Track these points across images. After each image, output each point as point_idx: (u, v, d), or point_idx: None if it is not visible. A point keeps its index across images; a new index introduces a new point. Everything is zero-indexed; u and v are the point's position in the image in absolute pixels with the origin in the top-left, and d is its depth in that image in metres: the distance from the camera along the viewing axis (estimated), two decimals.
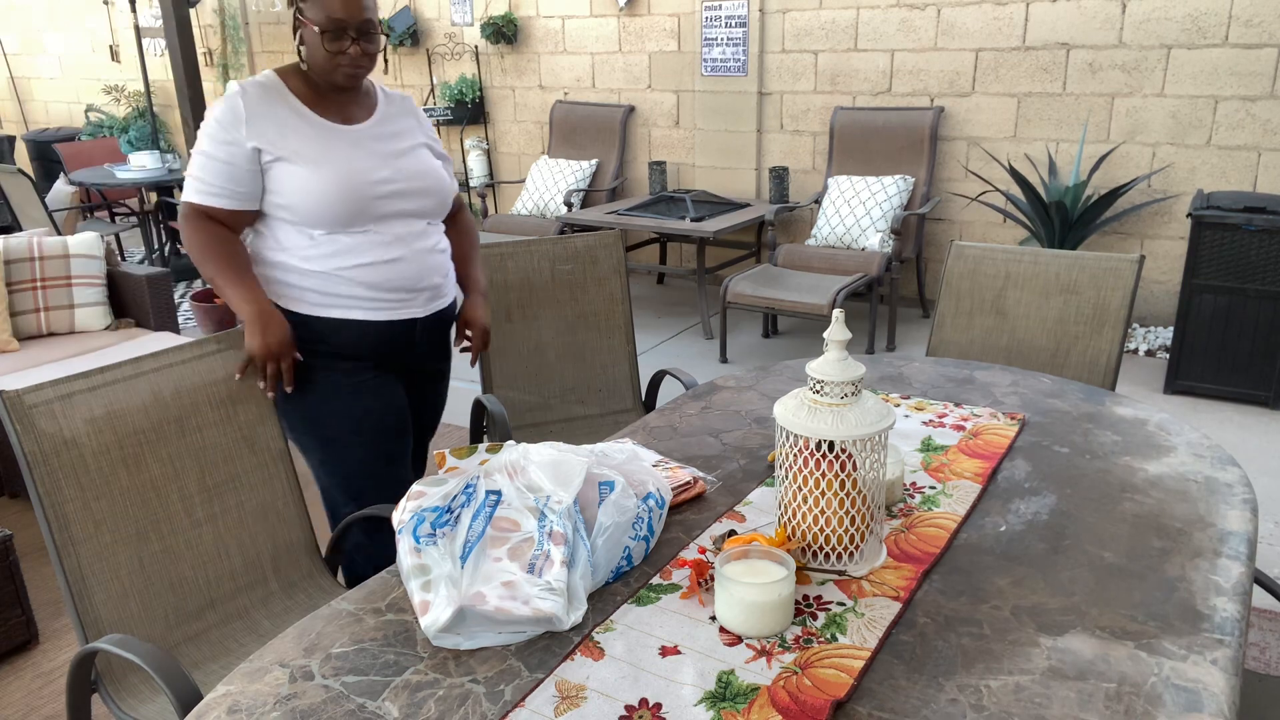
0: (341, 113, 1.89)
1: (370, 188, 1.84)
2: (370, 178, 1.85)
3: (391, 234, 1.88)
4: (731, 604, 1.18)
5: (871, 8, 4.95)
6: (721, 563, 1.22)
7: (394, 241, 1.88)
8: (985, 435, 1.74)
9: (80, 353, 3.38)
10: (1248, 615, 1.21)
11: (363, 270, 1.86)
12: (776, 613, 1.17)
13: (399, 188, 1.88)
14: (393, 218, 1.88)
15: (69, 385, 1.62)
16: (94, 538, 1.61)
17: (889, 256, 4.53)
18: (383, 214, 1.87)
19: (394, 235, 1.89)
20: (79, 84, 8.60)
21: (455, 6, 6.31)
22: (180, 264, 6.25)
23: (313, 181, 1.80)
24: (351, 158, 1.85)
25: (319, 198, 1.80)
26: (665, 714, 1.04)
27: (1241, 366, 3.79)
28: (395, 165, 1.89)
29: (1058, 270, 2.38)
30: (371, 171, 1.85)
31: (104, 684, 1.59)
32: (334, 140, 1.85)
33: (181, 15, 4.33)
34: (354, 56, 1.80)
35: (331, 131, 1.86)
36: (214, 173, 1.80)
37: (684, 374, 2.40)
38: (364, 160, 1.86)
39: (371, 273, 1.87)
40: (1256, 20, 4.13)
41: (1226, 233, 3.70)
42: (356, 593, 1.30)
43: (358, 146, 1.87)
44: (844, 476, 1.28)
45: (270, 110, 1.82)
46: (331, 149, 1.84)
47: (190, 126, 4.48)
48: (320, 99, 1.88)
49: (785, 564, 1.21)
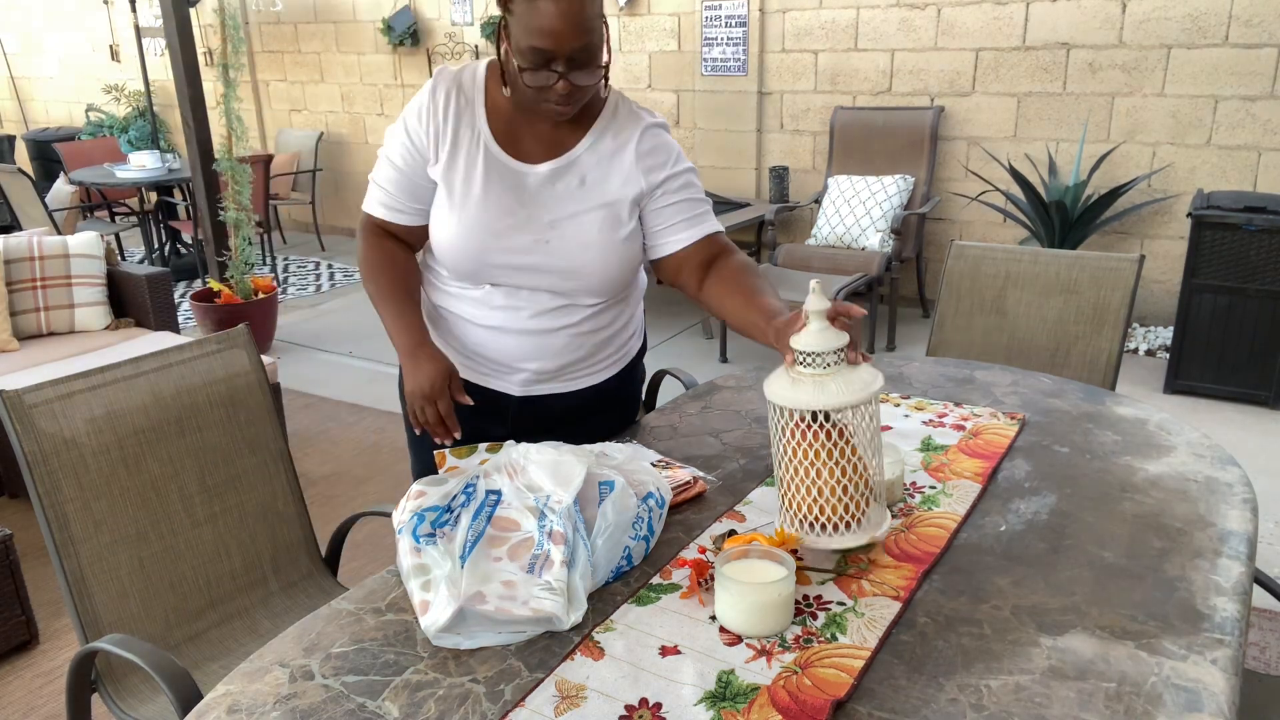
0: (530, 140, 1.57)
1: (493, 254, 1.56)
2: (498, 241, 1.55)
3: (504, 299, 1.61)
4: (731, 604, 1.18)
5: (871, 7, 4.94)
6: (721, 562, 1.22)
7: (503, 308, 1.61)
8: (985, 435, 1.74)
9: (80, 352, 3.38)
10: (1248, 615, 1.21)
11: (459, 322, 1.66)
12: (776, 612, 1.17)
13: (531, 261, 1.57)
14: (514, 287, 1.60)
15: (69, 385, 1.62)
16: (94, 538, 1.61)
17: (889, 256, 4.53)
18: (501, 281, 1.59)
19: (506, 302, 1.61)
20: (79, 84, 8.60)
21: (455, 6, 6.31)
22: (180, 264, 6.25)
23: (447, 224, 1.57)
24: (494, 208, 1.55)
25: (442, 244, 1.59)
26: (665, 714, 1.04)
27: (1241, 366, 3.79)
28: (541, 232, 1.56)
29: (1058, 270, 2.38)
30: (506, 234, 1.55)
31: (104, 684, 1.59)
32: (494, 179, 1.56)
33: (181, 15, 4.33)
34: (561, 93, 1.44)
35: (497, 168, 1.56)
36: (393, 183, 1.60)
37: (684, 374, 2.40)
38: (505, 217, 1.55)
39: (466, 329, 1.66)
40: (1256, 20, 4.13)
41: (1226, 233, 3.70)
42: (356, 592, 1.30)
43: (514, 193, 1.56)
44: (834, 445, 1.27)
45: (457, 119, 1.56)
46: (486, 190, 1.55)
47: (190, 126, 4.49)
48: (517, 121, 1.57)
49: (785, 564, 1.21)
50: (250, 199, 4.63)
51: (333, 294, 6.00)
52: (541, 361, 1.65)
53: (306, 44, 7.27)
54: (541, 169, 1.56)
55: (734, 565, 1.22)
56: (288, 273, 6.52)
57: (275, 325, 4.85)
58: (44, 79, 8.95)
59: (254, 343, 1.88)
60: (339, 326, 5.35)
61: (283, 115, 7.64)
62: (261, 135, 7.73)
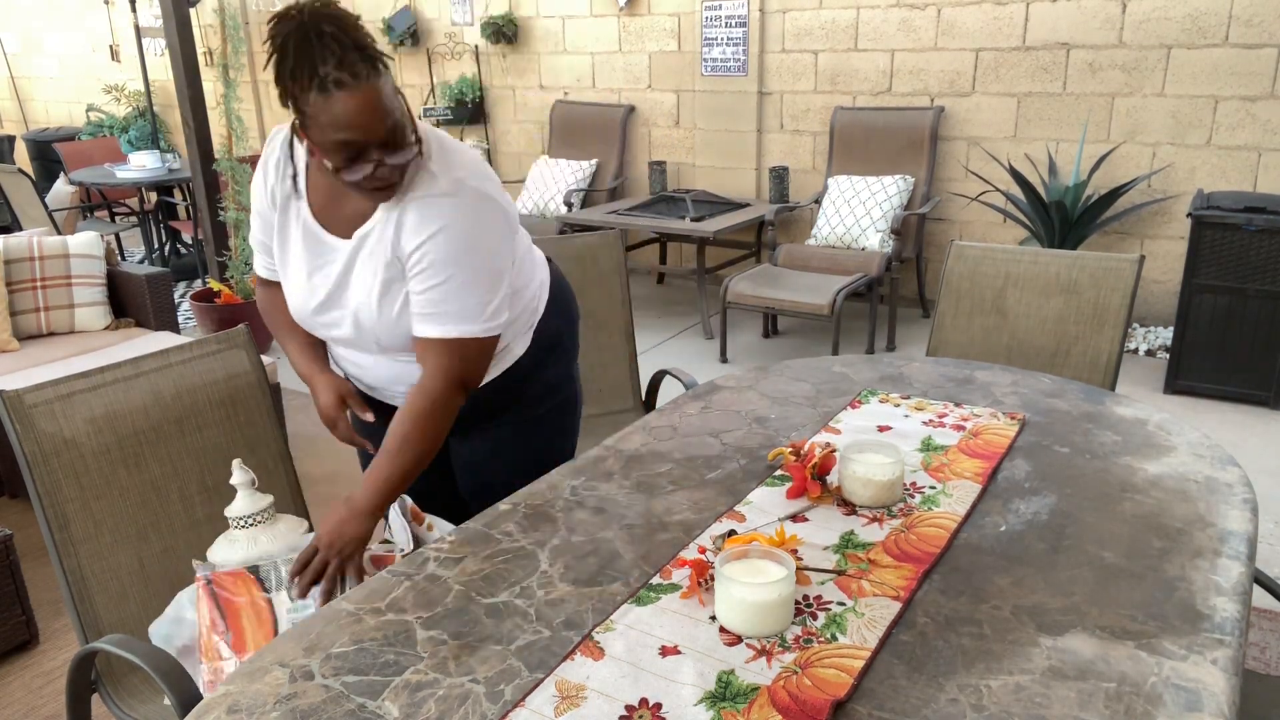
0: (346, 209, 1.55)
1: (315, 327, 1.65)
2: (316, 317, 1.62)
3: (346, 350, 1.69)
4: (732, 604, 1.18)
5: (871, 7, 4.94)
6: (721, 563, 1.22)
7: (350, 356, 1.69)
8: (985, 435, 1.74)
9: (80, 352, 3.38)
10: (1248, 615, 1.21)
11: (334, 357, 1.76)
12: (776, 612, 1.17)
13: (344, 334, 1.62)
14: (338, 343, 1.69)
15: (69, 385, 1.62)
16: (94, 538, 1.61)
17: (889, 256, 4.53)
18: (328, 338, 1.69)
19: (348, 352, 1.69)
20: (79, 84, 8.60)
21: (455, 6, 6.31)
22: (180, 263, 6.25)
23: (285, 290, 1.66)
24: (310, 286, 1.59)
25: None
26: (665, 714, 1.04)
27: (1241, 366, 3.79)
28: (347, 308, 1.58)
29: (1058, 270, 2.38)
30: (322, 310, 1.60)
31: (104, 684, 1.59)
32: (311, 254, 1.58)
33: (181, 15, 4.32)
34: (382, 178, 1.42)
35: (313, 244, 1.58)
36: (259, 245, 1.68)
37: (684, 374, 2.40)
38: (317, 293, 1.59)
39: (339, 364, 1.75)
40: (1256, 20, 4.13)
41: (1226, 233, 3.70)
42: (357, 593, 1.30)
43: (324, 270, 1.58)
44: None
45: (284, 188, 1.58)
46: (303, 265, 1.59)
47: (190, 126, 4.48)
48: (334, 190, 1.55)
49: (785, 564, 1.21)
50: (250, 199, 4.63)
51: None
52: (410, 382, 1.59)
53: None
54: (350, 243, 1.54)
55: (734, 565, 1.22)
56: None
57: None
58: (44, 79, 8.94)
59: (254, 343, 1.88)
60: None
61: (283, 115, 7.64)
62: (261, 135, 7.73)
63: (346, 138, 1.36)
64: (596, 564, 1.35)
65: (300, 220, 1.58)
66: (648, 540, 1.41)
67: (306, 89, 1.35)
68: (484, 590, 1.29)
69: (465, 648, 1.17)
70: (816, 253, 4.66)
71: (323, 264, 1.58)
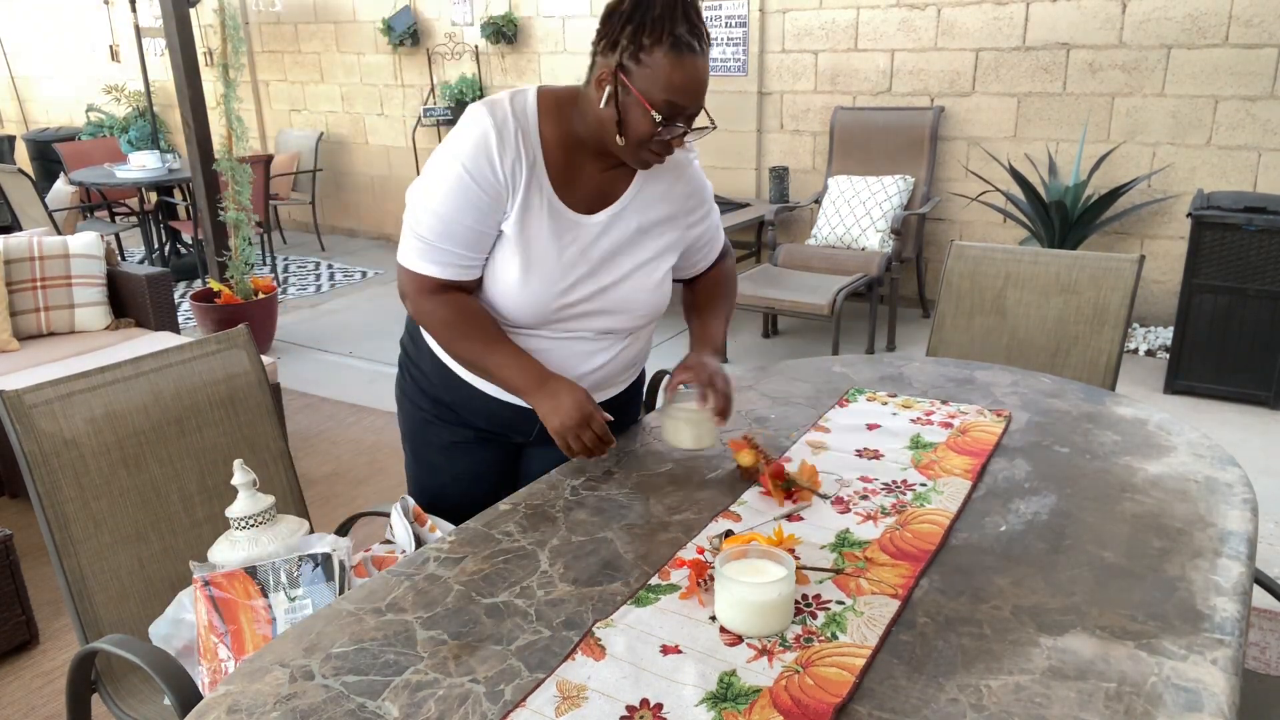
0: (583, 187, 1.54)
1: (558, 307, 1.55)
2: (564, 296, 1.54)
3: (550, 340, 1.60)
4: (732, 604, 1.18)
5: (871, 8, 4.94)
6: (721, 562, 1.22)
7: (547, 346, 1.60)
8: (973, 432, 1.74)
9: (80, 353, 3.38)
10: (1248, 615, 1.21)
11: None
12: (777, 612, 1.17)
13: (593, 307, 1.57)
14: (564, 333, 1.60)
15: (69, 385, 1.62)
16: (94, 538, 1.61)
17: (889, 256, 4.53)
18: (556, 324, 1.58)
19: (551, 341, 1.60)
20: (79, 84, 8.60)
21: (455, 6, 6.31)
22: (180, 264, 6.25)
23: (514, 280, 1.52)
24: (562, 263, 1.53)
25: (505, 296, 1.53)
26: (666, 714, 1.04)
27: (1241, 366, 3.79)
28: (604, 282, 1.56)
29: (1058, 270, 2.38)
30: (573, 289, 1.54)
31: (104, 684, 1.59)
32: (560, 232, 1.52)
33: (181, 15, 4.32)
34: (675, 145, 1.47)
35: (560, 220, 1.52)
36: (459, 240, 1.48)
37: None
38: (571, 271, 1.53)
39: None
40: (1256, 20, 4.13)
41: (1226, 233, 3.70)
42: (356, 593, 1.30)
43: (577, 246, 1.53)
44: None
45: (523, 167, 1.48)
46: (552, 244, 1.51)
47: (190, 126, 4.48)
48: (572, 164, 1.52)
49: (785, 563, 1.21)
50: (250, 199, 4.63)
51: (332, 294, 6.00)
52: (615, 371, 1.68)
53: (306, 44, 7.27)
54: (597, 219, 1.55)
55: (734, 565, 1.22)
56: (288, 273, 6.52)
57: (275, 325, 4.85)
58: (44, 79, 8.95)
59: (254, 343, 1.88)
60: (339, 327, 5.35)
61: (283, 115, 7.64)
62: (261, 135, 7.73)
63: (678, 100, 1.40)
64: (596, 564, 1.35)
65: (545, 199, 1.51)
66: (648, 540, 1.41)
67: (659, 43, 1.37)
68: (484, 590, 1.29)
69: (465, 648, 1.17)
70: (816, 253, 4.66)
71: (570, 242, 1.53)
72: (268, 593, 1.41)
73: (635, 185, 1.58)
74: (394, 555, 1.52)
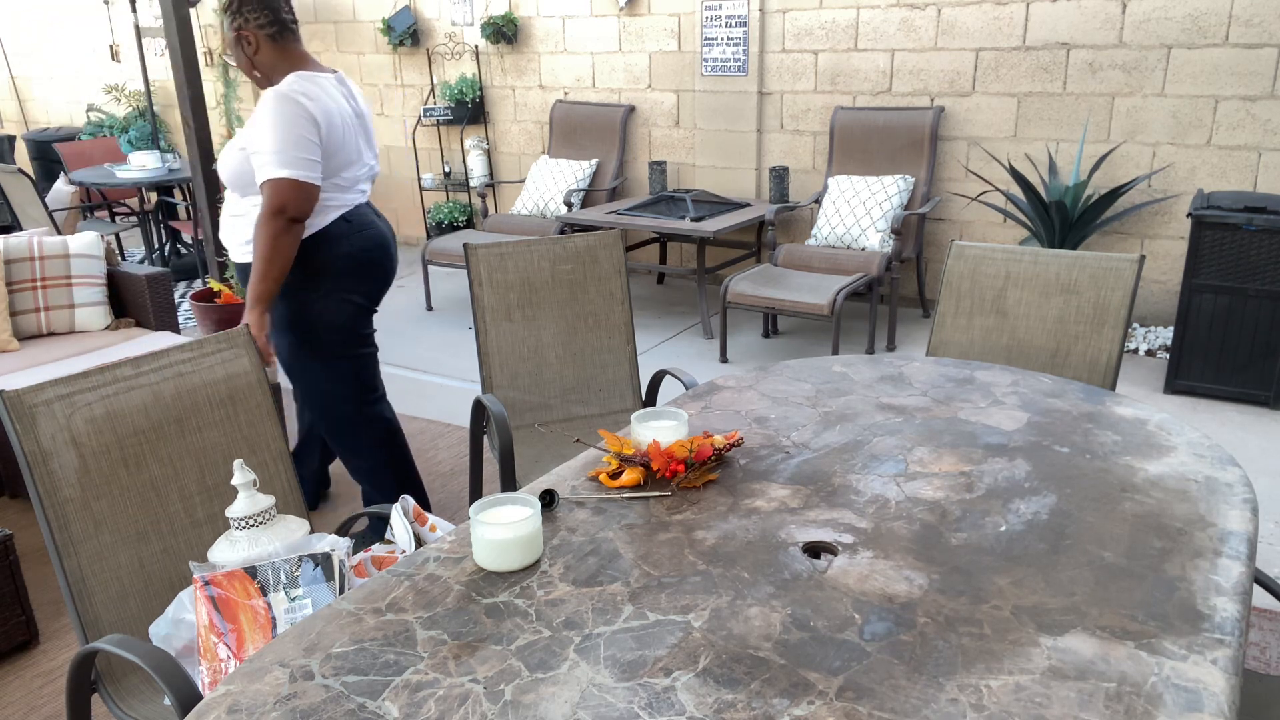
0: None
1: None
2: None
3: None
4: (481, 544, 1.34)
5: (871, 7, 4.94)
6: (476, 511, 1.37)
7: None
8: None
9: (80, 353, 3.38)
10: (1248, 615, 1.21)
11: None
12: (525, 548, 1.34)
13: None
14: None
15: (69, 385, 1.62)
16: (94, 538, 1.61)
17: (889, 256, 4.53)
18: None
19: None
20: (79, 84, 8.60)
21: (455, 6, 6.31)
22: (180, 264, 6.25)
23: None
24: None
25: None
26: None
27: (1241, 366, 3.79)
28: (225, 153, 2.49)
29: (1058, 270, 2.38)
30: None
31: (104, 684, 1.59)
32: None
33: (181, 15, 4.32)
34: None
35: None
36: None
37: (684, 374, 2.40)
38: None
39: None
40: (1256, 20, 4.13)
41: (1226, 233, 3.70)
42: (356, 593, 1.30)
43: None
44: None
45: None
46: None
47: (190, 126, 4.48)
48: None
49: (531, 505, 1.37)
50: None
51: None
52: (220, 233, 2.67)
53: (306, 44, 7.26)
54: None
55: (488, 512, 1.39)
56: None
57: None
58: (44, 79, 8.94)
59: (254, 342, 1.88)
60: None
61: None
62: None
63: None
64: (596, 564, 1.35)
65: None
66: (648, 540, 1.41)
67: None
68: (484, 590, 1.29)
69: (465, 648, 1.17)
70: (816, 253, 4.66)
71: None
72: (268, 592, 1.41)
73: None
74: (394, 555, 1.52)
